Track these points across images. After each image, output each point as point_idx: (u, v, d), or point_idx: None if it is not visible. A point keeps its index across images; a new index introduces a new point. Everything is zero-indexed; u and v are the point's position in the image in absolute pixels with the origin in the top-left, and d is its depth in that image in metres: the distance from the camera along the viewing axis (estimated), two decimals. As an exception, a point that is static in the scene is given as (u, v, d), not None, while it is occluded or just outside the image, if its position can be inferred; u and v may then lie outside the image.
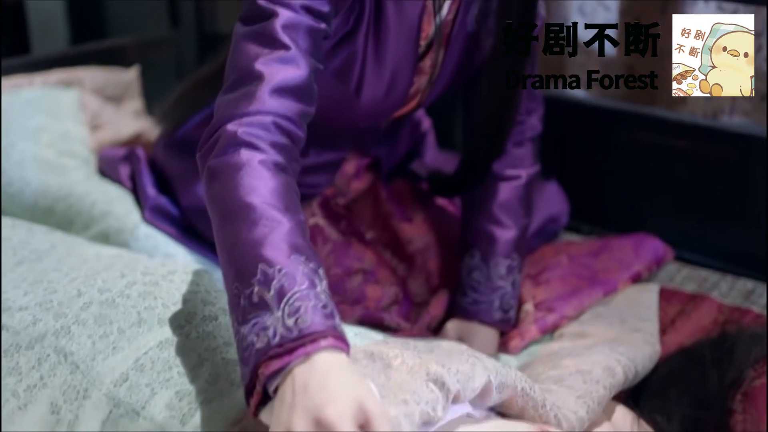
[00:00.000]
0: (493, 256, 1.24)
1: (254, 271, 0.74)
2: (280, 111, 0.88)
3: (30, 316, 0.94)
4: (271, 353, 0.70)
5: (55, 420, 0.85)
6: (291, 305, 0.71)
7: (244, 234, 0.77)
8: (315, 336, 0.70)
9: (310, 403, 0.65)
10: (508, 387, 0.87)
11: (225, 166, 0.83)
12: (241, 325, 0.73)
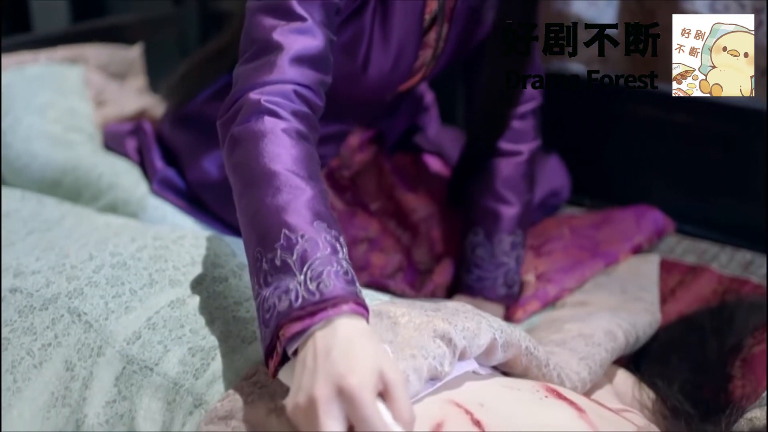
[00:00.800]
0: (496, 233, 1.26)
1: (277, 236, 0.75)
2: (300, 80, 0.90)
3: (43, 279, 0.96)
4: (293, 315, 0.71)
5: (70, 376, 0.87)
6: (313, 270, 0.72)
7: (267, 200, 0.78)
8: (336, 301, 0.71)
9: (332, 371, 0.66)
10: (513, 346, 0.88)
11: (248, 134, 0.84)
12: (262, 288, 0.75)
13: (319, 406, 0.64)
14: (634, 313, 1.18)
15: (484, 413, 0.75)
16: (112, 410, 0.83)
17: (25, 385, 0.87)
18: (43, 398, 0.86)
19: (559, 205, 1.57)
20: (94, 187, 1.37)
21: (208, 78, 1.32)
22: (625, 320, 1.13)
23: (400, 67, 1.14)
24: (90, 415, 0.83)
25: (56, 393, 0.86)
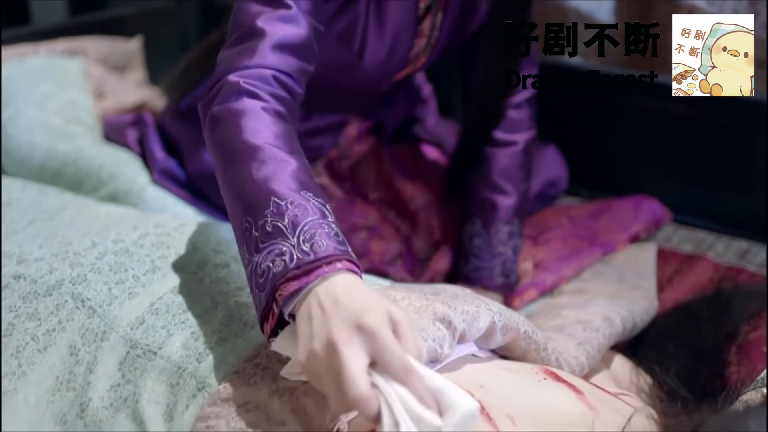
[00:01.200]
0: (493, 222, 1.27)
1: (267, 204, 0.76)
2: (280, 66, 0.91)
3: (46, 266, 0.96)
4: (289, 275, 0.72)
5: (74, 361, 0.87)
6: (305, 232, 0.74)
7: (253, 172, 0.79)
8: (331, 259, 0.72)
9: (347, 313, 0.67)
10: (512, 329, 0.90)
11: (228, 112, 0.86)
12: (253, 255, 0.75)
13: (341, 345, 0.65)
14: (631, 301, 1.19)
15: (484, 394, 0.76)
16: (116, 393, 0.84)
17: (30, 369, 0.88)
18: (48, 382, 0.87)
19: (556, 195, 1.58)
20: (94, 178, 1.38)
21: (208, 71, 1.32)
22: (623, 307, 1.14)
23: (396, 55, 1.15)
24: (94, 399, 0.84)
25: (61, 377, 0.87)
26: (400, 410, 0.64)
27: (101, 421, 0.83)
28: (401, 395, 0.65)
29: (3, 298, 0.94)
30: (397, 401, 0.64)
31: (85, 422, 0.84)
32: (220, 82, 0.90)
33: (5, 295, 0.94)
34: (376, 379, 0.66)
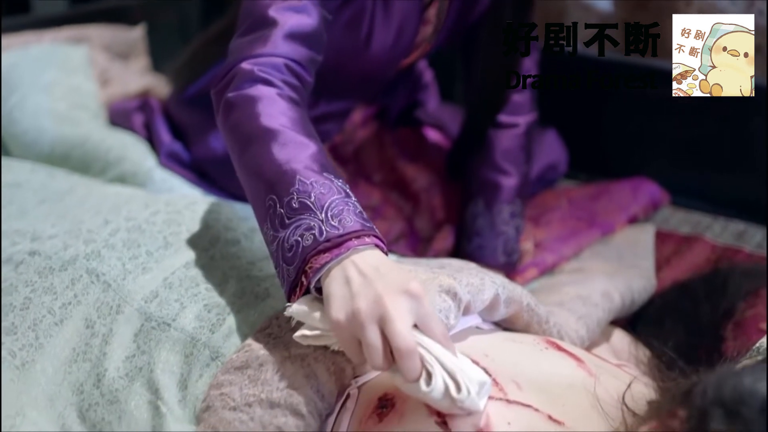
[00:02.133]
0: (496, 203, 1.30)
1: (292, 182, 0.79)
2: (291, 55, 0.94)
3: (60, 243, 0.99)
4: (320, 248, 0.74)
5: (90, 333, 0.90)
6: (332, 209, 0.77)
7: (275, 152, 0.82)
8: (360, 233, 0.75)
9: (392, 279, 0.71)
10: (515, 302, 0.92)
11: (243, 98, 0.88)
12: (279, 231, 0.78)
13: (389, 303, 0.69)
14: (630, 278, 1.22)
15: (489, 362, 0.79)
16: (131, 364, 0.87)
17: (47, 341, 0.90)
18: (64, 354, 0.90)
19: (556, 178, 1.61)
20: (102, 161, 1.39)
21: (213, 59, 1.35)
22: (622, 283, 1.16)
23: (402, 42, 1.18)
24: (110, 369, 0.87)
25: (77, 349, 0.90)
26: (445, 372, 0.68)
27: (117, 390, 0.85)
28: (445, 355, 0.69)
29: (19, 273, 0.96)
30: (435, 361, 0.68)
31: (102, 391, 0.86)
32: (233, 69, 0.92)
33: (21, 270, 0.96)
34: (421, 340, 0.70)
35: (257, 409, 0.77)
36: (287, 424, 0.76)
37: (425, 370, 0.68)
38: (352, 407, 0.77)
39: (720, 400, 0.62)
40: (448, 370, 0.68)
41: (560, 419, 0.73)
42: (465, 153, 1.35)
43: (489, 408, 0.71)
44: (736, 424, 0.60)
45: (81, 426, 0.86)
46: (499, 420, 0.70)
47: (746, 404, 0.61)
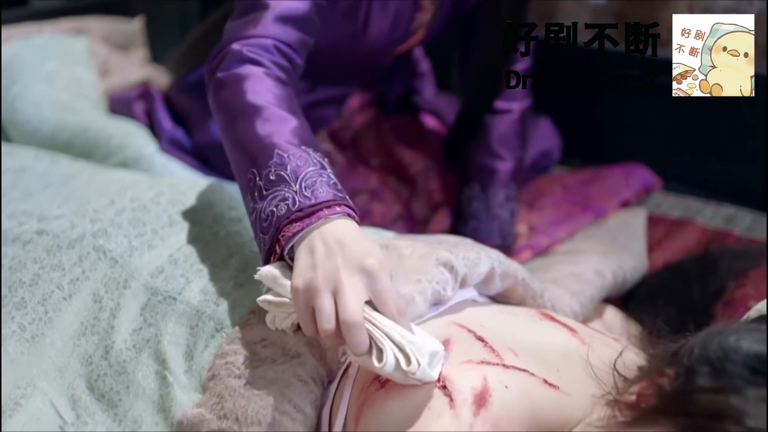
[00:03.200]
0: (491, 186, 1.33)
1: (270, 155, 0.83)
2: (281, 37, 0.97)
3: (67, 222, 1.01)
4: (292, 217, 0.78)
5: (98, 308, 0.92)
6: (306, 180, 0.81)
7: (257, 127, 0.86)
8: (330, 203, 0.79)
9: (351, 254, 0.73)
10: (510, 276, 0.95)
11: (232, 77, 0.92)
12: (257, 203, 0.82)
13: (344, 278, 0.72)
14: (622, 259, 1.25)
15: (485, 331, 0.82)
16: (138, 336, 0.89)
17: (56, 315, 0.93)
18: (73, 327, 0.92)
19: (550, 165, 1.64)
20: (104, 147, 1.42)
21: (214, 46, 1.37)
22: (614, 262, 1.20)
23: (398, 28, 1.20)
24: (118, 342, 0.89)
25: (85, 322, 0.92)
26: (389, 343, 0.71)
27: (125, 361, 0.88)
28: (396, 330, 0.72)
29: (27, 251, 0.98)
30: (383, 335, 0.71)
31: (110, 362, 0.89)
32: (224, 50, 0.96)
33: (29, 249, 0.98)
34: (372, 315, 0.73)
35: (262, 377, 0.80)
36: (291, 390, 0.79)
37: (376, 346, 0.72)
38: (353, 374, 0.80)
39: (706, 357, 0.65)
40: (398, 344, 0.71)
41: (555, 383, 0.76)
42: (461, 138, 1.38)
43: (486, 373, 0.73)
44: (721, 379, 0.63)
45: (90, 396, 0.88)
46: (496, 384, 0.72)
47: (730, 360, 0.63)
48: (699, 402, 0.63)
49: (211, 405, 0.81)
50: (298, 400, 0.79)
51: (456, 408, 0.70)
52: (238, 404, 0.79)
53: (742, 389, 0.61)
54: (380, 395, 0.75)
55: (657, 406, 0.67)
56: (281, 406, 0.78)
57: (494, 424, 0.70)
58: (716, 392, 0.62)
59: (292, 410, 0.78)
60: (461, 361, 0.76)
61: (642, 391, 0.70)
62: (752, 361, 0.62)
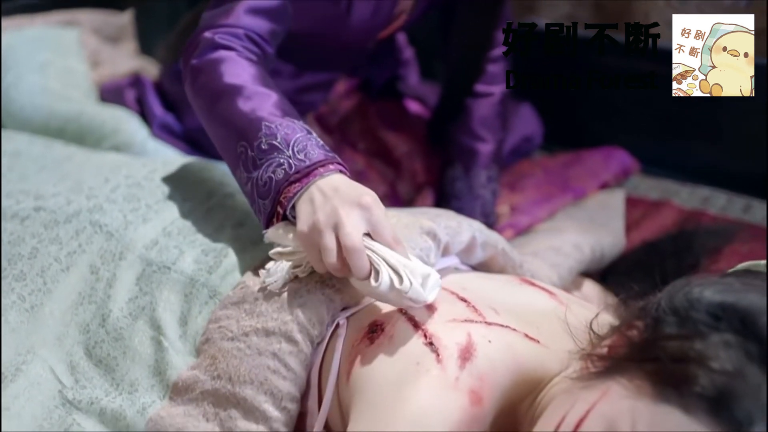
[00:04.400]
0: (473, 167, 1.37)
1: (259, 128, 0.89)
2: (252, 27, 1.02)
3: (64, 199, 1.05)
4: (291, 179, 0.85)
5: (95, 278, 0.96)
6: (297, 145, 0.87)
7: (240, 105, 0.91)
8: (324, 162, 0.86)
9: (347, 195, 0.82)
10: (490, 246, 0.99)
11: (207, 62, 0.98)
12: (253, 172, 0.87)
13: (342, 212, 0.80)
14: (600, 235, 1.29)
15: (467, 293, 0.86)
16: (134, 304, 0.93)
17: (55, 286, 0.96)
18: (71, 297, 0.96)
19: (532, 151, 1.68)
20: (97, 133, 1.45)
21: None
22: (592, 237, 1.24)
23: (381, 13, 1.24)
24: (114, 310, 0.93)
25: (83, 293, 0.96)
26: (386, 267, 0.79)
27: (122, 328, 0.92)
28: (392, 255, 0.80)
29: (25, 227, 1.01)
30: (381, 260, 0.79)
31: (107, 330, 0.92)
32: (197, 38, 1.01)
33: (27, 224, 1.02)
34: (370, 244, 0.80)
35: (254, 338, 0.84)
36: (282, 350, 0.83)
37: (374, 269, 0.79)
38: (343, 333, 0.84)
39: (672, 307, 0.70)
40: (392, 266, 0.79)
41: (536, 338, 0.80)
42: (444, 121, 1.42)
43: (470, 330, 0.78)
44: (685, 326, 0.67)
45: (88, 362, 0.92)
46: (480, 339, 0.77)
47: (694, 309, 0.68)
48: (665, 348, 0.67)
49: (205, 366, 0.85)
50: (288, 360, 0.83)
51: (443, 362, 0.74)
52: (231, 364, 0.83)
53: (706, 335, 0.65)
54: (370, 351, 0.79)
55: (626, 355, 0.71)
56: (272, 365, 0.82)
57: (479, 377, 0.74)
58: (681, 339, 0.67)
59: (282, 369, 0.82)
60: (446, 320, 0.80)
61: (613, 344, 0.74)
62: (714, 309, 0.67)
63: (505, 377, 0.76)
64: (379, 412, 0.73)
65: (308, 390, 0.85)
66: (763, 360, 0.62)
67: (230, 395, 0.82)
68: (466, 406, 0.72)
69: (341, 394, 0.82)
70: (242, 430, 0.81)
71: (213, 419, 0.82)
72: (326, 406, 0.82)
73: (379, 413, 0.73)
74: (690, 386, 0.63)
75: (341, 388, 0.81)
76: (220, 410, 0.82)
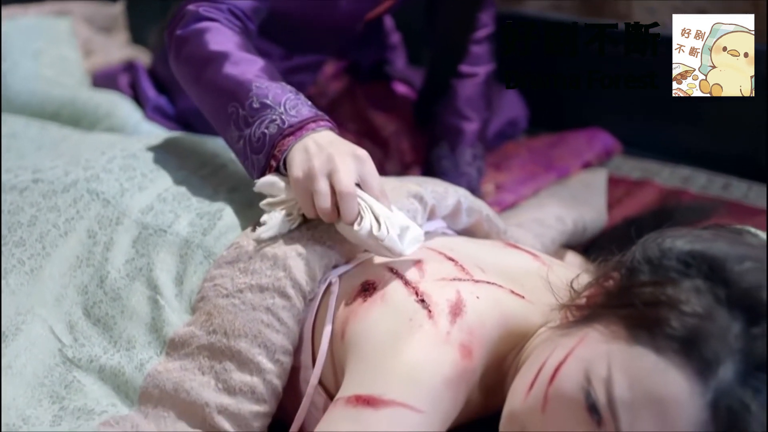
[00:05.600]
0: (459, 145, 1.41)
1: (249, 87, 0.94)
2: (235, 2, 1.07)
3: (61, 171, 1.08)
4: (285, 133, 0.90)
5: (93, 242, 0.99)
6: (288, 103, 0.92)
7: (230, 70, 0.96)
8: (314, 118, 0.91)
9: (342, 146, 0.88)
10: (475, 212, 1.03)
11: (192, 32, 1.03)
12: (245, 130, 0.92)
13: (338, 158, 0.86)
14: (582, 210, 1.33)
15: (454, 254, 0.90)
16: (131, 266, 0.96)
17: (53, 250, 0.99)
18: (69, 261, 0.99)
19: (517, 134, 1.72)
20: (91, 116, 1.48)
21: None
22: (575, 211, 1.28)
23: None
24: (112, 272, 0.96)
25: (81, 256, 0.98)
26: (370, 215, 0.84)
27: (119, 288, 0.95)
28: (378, 205, 0.85)
29: (24, 197, 1.04)
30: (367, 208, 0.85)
31: (104, 290, 0.95)
32: (181, 11, 1.05)
33: (26, 195, 1.04)
34: (359, 192, 0.85)
35: (248, 294, 0.87)
36: (275, 305, 0.86)
37: (359, 215, 0.84)
38: (335, 291, 0.88)
39: (646, 257, 0.74)
40: (376, 215, 0.84)
41: (521, 294, 0.84)
42: (430, 102, 1.46)
43: (459, 287, 0.81)
44: (658, 274, 0.71)
45: (86, 321, 0.95)
46: (468, 295, 0.80)
47: (667, 257, 0.72)
48: (639, 295, 0.71)
49: (201, 322, 0.88)
50: (281, 314, 0.86)
51: (434, 318, 0.78)
52: (226, 320, 0.86)
53: (677, 281, 0.69)
54: (363, 309, 0.83)
55: (603, 303, 0.75)
56: (266, 319, 0.85)
57: (469, 331, 0.78)
58: (654, 285, 0.71)
59: (276, 323, 0.86)
60: (435, 279, 0.83)
61: (590, 294, 0.78)
62: (684, 256, 0.71)
63: (493, 331, 0.80)
64: (374, 366, 0.77)
65: (301, 345, 0.89)
66: (731, 303, 0.66)
67: (225, 349, 0.85)
68: (458, 360, 0.76)
69: (335, 352, 0.85)
70: (237, 381, 0.84)
71: (209, 372, 0.86)
72: (321, 361, 0.85)
73: (374, 367, 0.77)
74: (662, 328, 0.67)
75: (335, 346, 0.85)
76: (216, 363, 0.85)
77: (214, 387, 0.85)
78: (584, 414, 0.68)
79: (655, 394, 0.65)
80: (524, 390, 0.73)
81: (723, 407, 0.63)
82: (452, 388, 0.75)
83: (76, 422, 0.85)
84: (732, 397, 0.63)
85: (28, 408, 0.87)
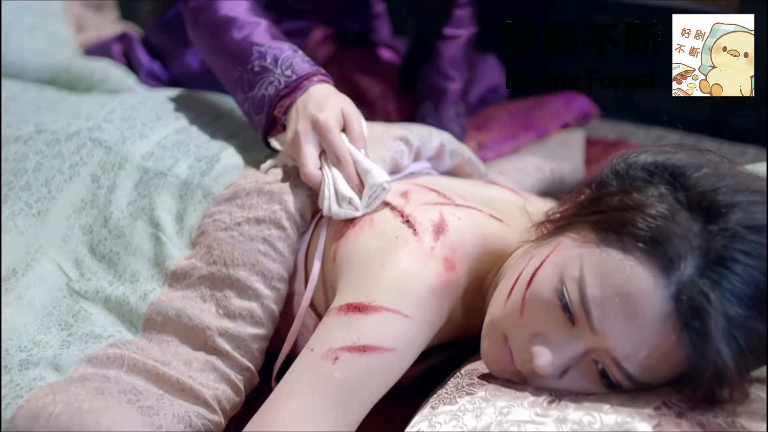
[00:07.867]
0: (443, 103, 1.48)
1: (251, 52, 1.01)
2: None
3: (63, 122, 1.13)
4: (281, 94, 0.98)
5: (96, 186, 1.04)
6: (285, 62, 0.99)
7: (235, 35, 1.04)
8: (308, 75, 0.98)
9: (308, 113, 0.94)
10: (458, 154, 1.09)
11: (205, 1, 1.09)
12: (249, 92, 1.00)
13: (301, 136, 0.93)
14: (561, 163, 1.40)
15: (437, 186, 0.96)
16: (134, 207, 1.01)
17: (59, 194, 1.04)
18: (75, 203, 1.04)
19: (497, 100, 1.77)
20: (86, 81, 1.52)
21: None
22: (553, 162, 1.34)
23: None
24: (116, 212, 1.01)
25: (85, 199, 1.04)
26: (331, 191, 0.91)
27: (123, 227, 1.00)
28: (335, 178, 0.92)
29: (28, 146, 1.09)
30: (331, 183, 0.92)
31: (109, 229, 1.01)
32: None
33: (30, 144, 1.09)
34: (322, 164, 0.93)
35: (245, 226, 0.93)
36: (271, 235, 0.92)
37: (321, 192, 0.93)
38: (327, 222, 0.94)
39: (614, 170, 0.80)
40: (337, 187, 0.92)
41: (500, 218, 0.90)
42: (415, 64, 1.52)
43: (442, 210, 0.88)
44: (625, 183, 0.78)
45: (92, 258, 1.00)
46: (450, 216, 0.87)
47: (632, 168, 0.78)
48: (608, 202, 0.77)
49: (201, 255, 0.94)
50: (277, 244, 0.92)
51: (419, 235, 0.84)
52: (225, 251, 0.92)
53: (642, 188, 0.76)
54: (353, 232, 0.89)
55: (574, 213, 0.81)
56: (263, 249, 0.92)
57: (452, 247, 0.84)
58: (621, 193, 0.77)
59: (272, 252, 0.92)
60: (419, 204, 0.90)
61: (564, 210, 0.85)
62: (648, 166, 0.77)
63: (473, 249, 0.86)
64: (364, 279, 0.83)
65: (295, 273, 0.95)
66: (691, 205, 0.72)
67: (225, 277, 0.91)
68: (442, 272, 0.82)
69: (327, 274, 0.91)
70: (237, 306, 0.90)
71: (210, 300, 0.91)
72: (312, 284, 0.92)
73: (364, 279, 0.83)
74: (629, 230, 0.73)
75: (327, 269, 0.91)
76: (216, 291, 0.91)
77: (215, 313, 0.90)
78: (559, 313, 0.74)
79: (623, 289, 0.71)
80: (503, 298, 0.79)
81: (685, 298, 0.69)
82: (437, 298, 0.81)
83: (84, 345, 0.90)
84: (693, 288, 0.69)
85: (38, 334, 0.92)
